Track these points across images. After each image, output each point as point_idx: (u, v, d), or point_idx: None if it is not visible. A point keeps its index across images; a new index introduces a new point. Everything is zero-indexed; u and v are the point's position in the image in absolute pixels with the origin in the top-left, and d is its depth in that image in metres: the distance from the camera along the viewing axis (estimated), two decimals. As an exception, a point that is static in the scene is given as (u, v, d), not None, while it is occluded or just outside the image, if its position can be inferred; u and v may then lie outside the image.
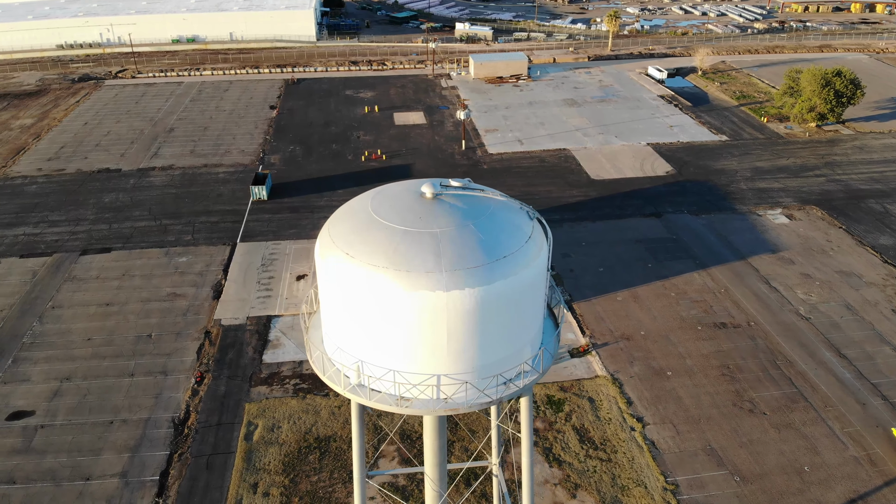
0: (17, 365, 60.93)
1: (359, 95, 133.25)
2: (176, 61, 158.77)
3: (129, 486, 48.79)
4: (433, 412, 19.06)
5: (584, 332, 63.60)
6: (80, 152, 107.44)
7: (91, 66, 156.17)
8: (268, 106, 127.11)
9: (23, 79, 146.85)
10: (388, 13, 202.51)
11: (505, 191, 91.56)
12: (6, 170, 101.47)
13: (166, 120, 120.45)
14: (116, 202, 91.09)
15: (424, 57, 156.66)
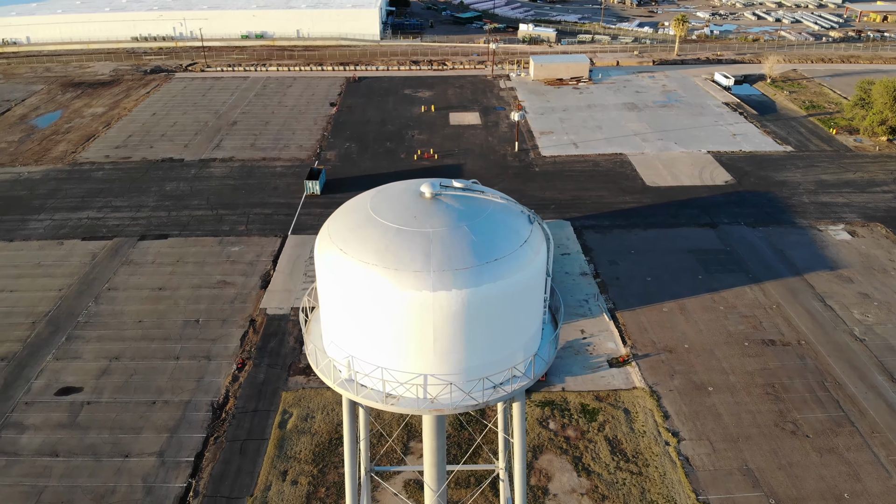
0: (71, 343, 63.76)
1: (417, 94, 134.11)
2: (244, 56, 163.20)
3: (165, 466, 50.39)
4: (418, 411, 18.97)
5: (626, 342, 62.31)
6: (147, 141, 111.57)
7: (163, 58, 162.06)
8: (328, 103, 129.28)
9: (98, 69, 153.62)
10: (453, 13, 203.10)
11: (554, 195, 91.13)
12: (76, 155, 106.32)
13: (230, 113, 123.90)
14: (177, 191, 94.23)
15: (485, 58, 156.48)
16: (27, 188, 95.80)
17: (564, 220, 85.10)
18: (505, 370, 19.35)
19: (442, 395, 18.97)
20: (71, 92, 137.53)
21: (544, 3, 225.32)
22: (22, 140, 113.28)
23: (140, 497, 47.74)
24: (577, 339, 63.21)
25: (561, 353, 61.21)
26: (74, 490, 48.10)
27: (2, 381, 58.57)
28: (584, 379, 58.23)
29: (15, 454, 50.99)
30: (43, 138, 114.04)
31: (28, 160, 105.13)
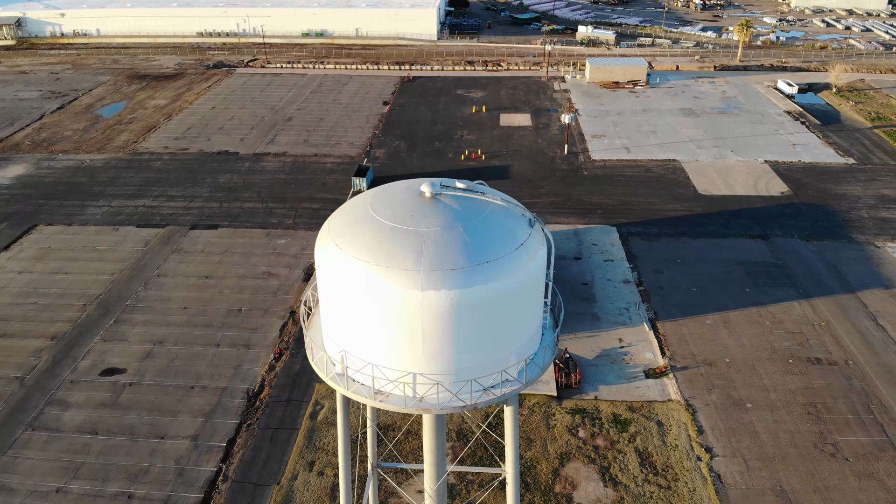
0: (118, 325, 66.08)
1: (469, 95, 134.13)
2: (303, 54, 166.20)
3: (198, 449, 51.71)
4: (405, 409, 18.90)
5: (664, 353, 60.90)
6: (205, 134, 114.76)
7: (226, 53, 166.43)
8: (381, 101, 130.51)
9: (163, 62, 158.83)
10: (511, 14, 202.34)
11: (602, 199, 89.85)
12: (136, 145, 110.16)
13: (286, 109, 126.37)
14: (230, 183, 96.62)
15: (541, 59, 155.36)
16: (88, 175, 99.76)
17: (610, 226, 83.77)
18: (494, 373, 19.10)
19: (430, 394, 18.88)
20: (136, 84, 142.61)
21: (605, 5, 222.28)
22: (87, 129, 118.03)
23: (172, 478, 49.11)
24: (615, 348, 62.13)
25: (596, 362, 60.30)
26: (110, 468, 49.83)
27: (51, 359, 61.17)
28: (619, 388, 57.18)
29: (57, 430, 53.16)
30: (107, 127, 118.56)
31: (91, 148, 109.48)
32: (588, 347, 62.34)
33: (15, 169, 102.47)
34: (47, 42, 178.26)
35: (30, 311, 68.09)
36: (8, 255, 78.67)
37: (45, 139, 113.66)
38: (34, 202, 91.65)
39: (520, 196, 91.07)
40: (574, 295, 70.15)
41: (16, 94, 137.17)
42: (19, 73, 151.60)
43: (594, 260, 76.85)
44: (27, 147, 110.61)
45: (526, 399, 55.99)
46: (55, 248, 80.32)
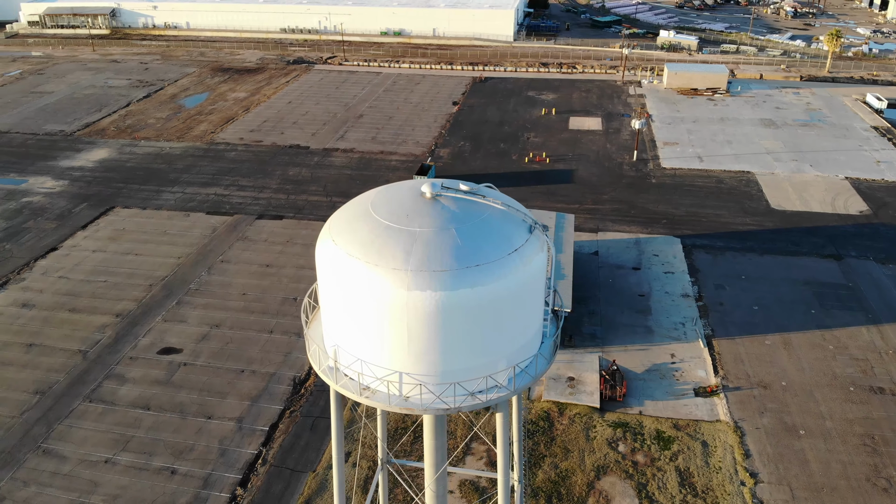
0: (180, 307, 68.83)
1: (540, 97, 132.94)
2: (380, 52, 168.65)
3: (242, 431, 53.30)
4: (389, 407, 18.83)
5: (717, 372, 58.69)
6: (279, 128, 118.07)
7: (306, 50, 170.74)
8: (451, 101, 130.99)
9: (246, 56, 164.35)
10: (592, 17, 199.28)
11: (668, 209, 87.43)
12: (214, 136, 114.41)
13: (358, 107, 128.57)
14: (298, 176, 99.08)
15: (618, 63, 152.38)
16: (166, 162, 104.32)
17: (674, 237, 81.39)
18: (480, 378, 18.80)
19: (416, 395, 18.78)
20: (219, 76, 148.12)
21: (691, 10, 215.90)
22: (169, 117, 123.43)
23: (214, 458, 50.80)
24: (665, 363, 60.32)
25: (645, 376, 58.72)
26: (157, 443, 51.97)
27: (114, 335, 64.33)
28: (665, 405, 55.49)
29: (112, 403, 55.85)
30: (188, 117, 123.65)
31: (171, 136, 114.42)
32: (638, 361, 60.77)
33: (99, 153, 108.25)
34: (139, 33, 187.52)
35: (99, 289, 71.79)
36: (85, 234, 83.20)
37: (130, 126, 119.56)
38: (114, 185, 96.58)
39: (582, 202, 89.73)
40: (629, 306, 68.53)
41: (106, 81, 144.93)
42: (111, 62, 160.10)
43: (654, 271, 74.80)
44: (112, 132, 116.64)
45: (567, 409, 55.10)
46: (129, 229, 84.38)
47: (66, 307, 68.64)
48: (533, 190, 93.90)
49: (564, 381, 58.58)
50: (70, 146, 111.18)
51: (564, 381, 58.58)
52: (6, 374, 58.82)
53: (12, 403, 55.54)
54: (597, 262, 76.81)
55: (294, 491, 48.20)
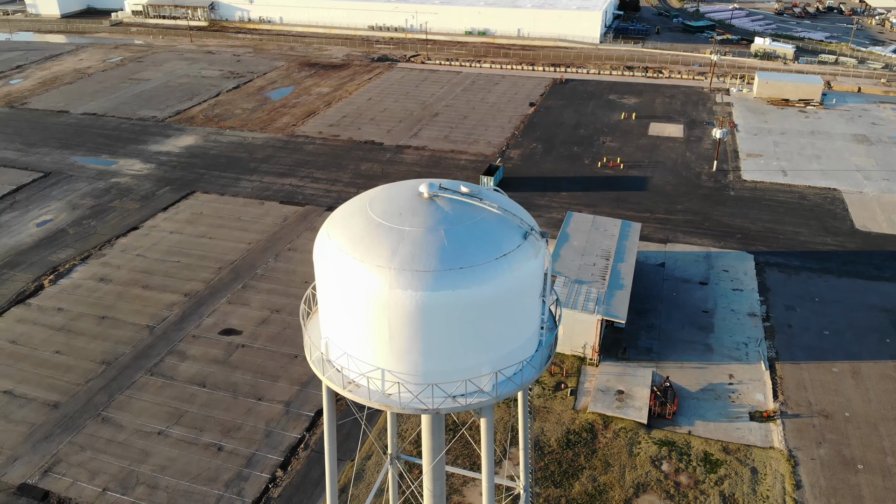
0: (245, 290, 71.39)
1: (621, 101, 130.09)
2: (462, 52, 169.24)
3: (289, 415, 54.81)
4: (369, 403, 18.85)
5: (777, 397, 55.92)
6: (357, 123, 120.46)
7: (391, 48, 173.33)
8: (528, 103, 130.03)
9: (333, 52, 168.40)
10: (684, 21, 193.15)
11: (744, 223, 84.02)
12: (295, 128, 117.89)
13: (435, 105, 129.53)
14: (369, 171, 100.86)
15: (707, 69, 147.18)
16: (248, 151, 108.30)
17: (747, 253, 78.02)
18: (460, 382, 18.56)
19: (395, 392, 18.74)
20: (305, 71, 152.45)
21: (790, 17, 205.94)
22: (255, 108, 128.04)
23: (259, 438, 52.48)
24: (722, 384, 57.96)
25: (699, 395, 56.63)
26: (208, 420, 54.14)
27: (180, 313, 67.41)
28: (717, 427, 53.33)
29: (171, 378, 58.56)
30: (272, 109, 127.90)
31: (255, 127, 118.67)
32: (693, 379, 58.67)
33: (186, 139, 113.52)
34: (235, 26, 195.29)
35: (172, 268, 75.37)
36: (165, 216, 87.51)
37: (217, 115, 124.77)
38: (196, 171, 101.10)
39: (653, 211, 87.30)
40: (691, 322, 66.24)
41: (200, 71, 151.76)
42: (206, 53, 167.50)
43: (721, 287, 71.97)
44: (200, 120, 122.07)
45: (613, 422, 53.83)
46: (206, 214, 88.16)
47: (140, 284, 72.43)
48: (603, 196, 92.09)
49: (613, 393, 57.24)
50: (160, 132, 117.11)
51: (613, 393, 57.24)
52: (78, 344, 62.71)
53: (80, 371, 59.17)
54: (662, 274, 74.56)
55: (330, 478, 49.15)
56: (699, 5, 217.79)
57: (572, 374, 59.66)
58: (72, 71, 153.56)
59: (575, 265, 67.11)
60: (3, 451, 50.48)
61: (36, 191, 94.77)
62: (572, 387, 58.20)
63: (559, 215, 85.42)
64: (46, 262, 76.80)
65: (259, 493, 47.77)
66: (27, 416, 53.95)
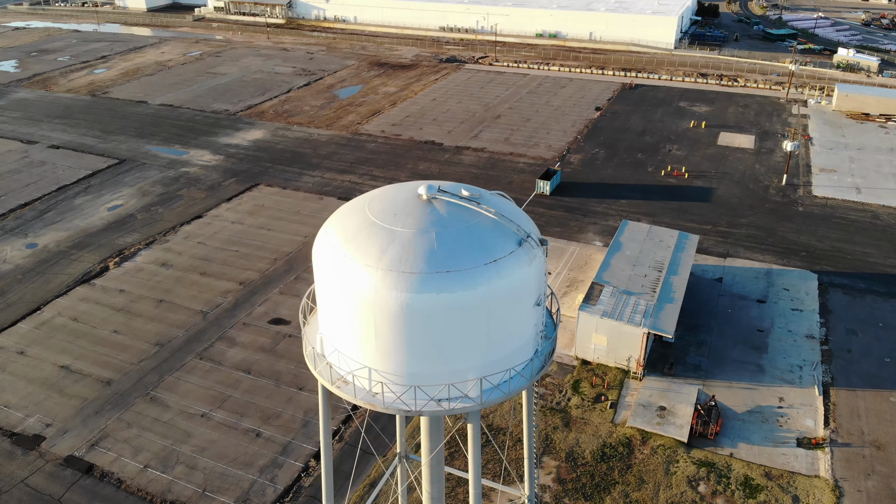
0: (297, 282, 73.08)
1: (692, 108, 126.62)
2: (531, 54, 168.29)
3: (326, 409, 55.76)
4: (354, 400, 18.93)
5: (828, 424, 53.36)
6: (419, 123, 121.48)
7: (460, 49, 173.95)
8: (593, 107, 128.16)
9: (403, 52, 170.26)
10: (765, 28, 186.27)
11: (810, 241, 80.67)
12: (359, 126, 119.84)
13: (498, 107, 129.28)
14: (427, 171, 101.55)
15: (785, 79, 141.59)
16: (312, 147, 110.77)
17: (811, 272, 74.72)
18: (443, 386, 18.43)
19: (383, 392, 18.80)
20: (374, 70, 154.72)
21: (878, 28, 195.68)
22: (322, 106, 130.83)
23: (297, 427, 53.64)
24: (771, 407, 55.72)
25: (745, 417, 54.63)
26: (250, 406, 55.70)
27: (234, 301, 69.57)
28: (761, 451, 51.31)
29: (219, 363, 60.53)
30: (339, 107, 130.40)
31: (321, 124, 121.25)
32: (741, 399, 56.64)
33: (255, 133, 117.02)
34: (311, 24, 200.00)
35: (230, 257, 77.86)
36: (228, 206, 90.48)
37: (286, 111, 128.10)
38: (262, 164, 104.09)
39: (715, 223, 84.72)
40: (744, 341, 63.94)
41: (274, 67, 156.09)
42: (281, 50, 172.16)
43: (780, 307, 69.17)
44: (270, 116, 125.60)
45: (651, 438, 52.54)
46: (267, 206, 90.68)
47: (198, 270, 75.13)
48: (664, 206, 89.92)
49: (655, 409, 55.85)
50: (231, 125, 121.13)
51: (655, 409, 55.85)
52: (135, 325, 65.60)
53: (134, 351, 61.88)
54: (718, 290, 72.23)
55: (361, 472, 49.86)
56: (782, 13, 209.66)
57: (614, 386, 58.54)
58: (153, 63, 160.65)
59: (625, 276, 65.78)
60: (55, 424, 53.40)
61: (110, 176, 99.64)
62: (613, 399, 57.09)
63: (615, 223, 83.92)
64: (114, 244, 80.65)
65: (291, 481, 48.85)
66: (81, 391, 56.86)
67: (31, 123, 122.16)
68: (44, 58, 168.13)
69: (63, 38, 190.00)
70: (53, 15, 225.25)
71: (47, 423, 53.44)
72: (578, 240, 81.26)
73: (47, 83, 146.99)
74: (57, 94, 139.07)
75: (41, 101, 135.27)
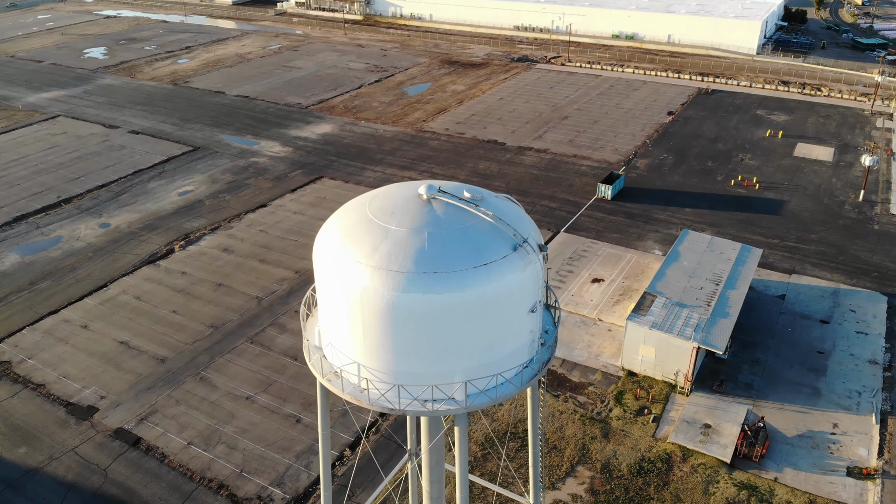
0: (347, 276, 74.33)
1: (769, 117, 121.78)
2: (606, 56, 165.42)
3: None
4: (342, 395, 19.11)
5: (882, 454, 50.58)
6: (483, 122, 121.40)
7: (533, 48, 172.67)
8: (665, 112, 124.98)
9: (475, 51, 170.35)
10: (854, 37, 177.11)
11: (882, 261, 76.75)
12: (424, 124, 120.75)
13: (566, 108, 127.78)
14: (486, 170, 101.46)
15: (871, 90, 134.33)
16: (377, 143, 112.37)
17: (881, 294, 70.91)
18: (427, 387, 18.38)
19: (372, 389, 18.96)
20: (445, 69, 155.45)
21: None
22: (391, 103, 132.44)
23: (336, 416, 54.66)
24: (823, 433, 53.25)
25: (794, 441, 52.41)
26: (293, 391, 57.15)
27: (288, 288, 71.44)
28: (807, 477, 49.13)
29: (268, 348, 62.32)
30: (407, 104, 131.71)
31: (387, 120, 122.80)
32: (791, 422, 54.36)
33: (324, 127, 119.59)
34: (387, 21, 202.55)
35: (289, 246, 79.96)
36: (292, 197, 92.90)
37: (356, 106, 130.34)
38: (328, 157, 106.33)
39: (783, 237, 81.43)
40: (802, 362, 61.30)
41: (348, 63, 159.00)
42: (356, 46, 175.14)
43: (844, 328, 65.94)
44: (340, 111, 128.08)
45: (692, 456, 51.07)
46: (328, 198, 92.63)
47: (258, 257, 77.49)
48: (730, 216, 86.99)
49: (699, 426, 54.24)
50: (302, 118, 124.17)
51: (699, 426, 54.24)
52: (193, 306, 68.28)
53: (190, 331, 64.44)
54: (780, 307, 69.45)
55: (393, 465, 50.43)
56: (874, 21, 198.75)
57: (659, 400, 57.16)
58: (234, 55, 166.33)
59: (679, 287, 64.05)
60: (109, 396, 56.25)
61: (183, 163, 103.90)
62: (656, 413, 55.77)
63: (678, 232, 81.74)
64: (181, 228, 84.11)
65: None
66: (136, 367, 59.67)
67: (114, 109, 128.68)
68: (131, 46, 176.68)
69: (151, 27, 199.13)
70: (143, 5, 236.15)
71: (102, 395, 56.41)
72: (637, 247, 79.55)
73: (132, 71, 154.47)
74: (141, 82, 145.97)
75: (125, 87, 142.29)
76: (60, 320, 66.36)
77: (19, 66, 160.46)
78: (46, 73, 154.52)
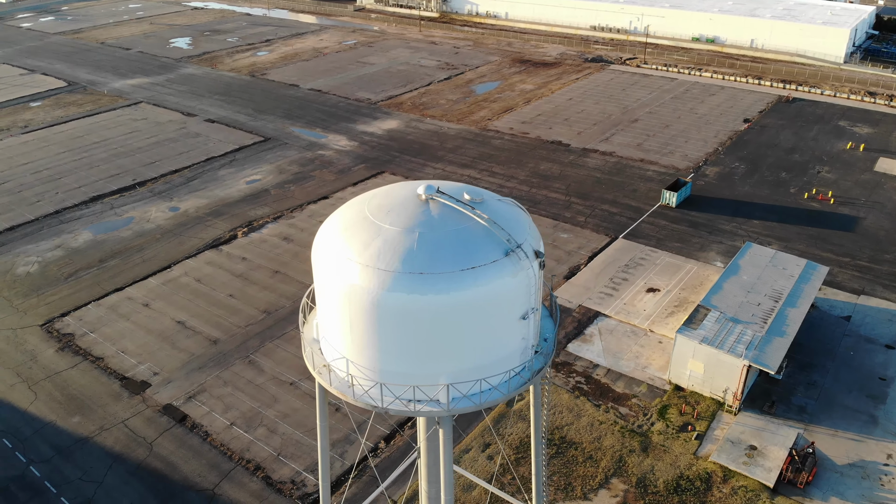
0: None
1: (852, 129, 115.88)
2: (683, 59, 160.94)
3: (405, 395, 57.28)
4: (330, 388, 19.33)
5: (943, 492, 47.57)
6: (549, 122, 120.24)
7: (608, 49, 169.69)
8: (742, 119, 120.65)
9: (548, 50, 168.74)
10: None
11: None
12: (489, 122, 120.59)
13: (637, 111, 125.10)
14: (547, 171, 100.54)
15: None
16: (440, 140, 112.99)
17: (957, 322, 66.58)
18: (408, 387, 18.40)
19: (352, 384, 19.15)
20: (516, 67, 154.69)
21: None
22: (458, 101, 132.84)
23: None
24: (877, 463, 50.57)
25: (844, 469, 50.00)
26: (335, 382, 58.32)
27: (339, 281, 72.88)
28: (856, 508, 46.80)
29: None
30: (473, 102, 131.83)
31: (452, 118, 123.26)
32: (843, 450, 51.84)
33: (390, 123, 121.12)
34: (463, 19, 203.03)
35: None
36: (353, 190, 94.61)
37: (423, 103, 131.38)
38: (391, 153, 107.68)
39: (855, 256, 77.56)
40: (861, 388, 58.34)
41: (419, 60, 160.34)
42: (429, 43, 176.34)
43: (914, 355, 62.32)
44: (407, 107, 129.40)
45: (734, 478, 49.42)
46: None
47: (314, 249, 79.31)
48: (800, 231, 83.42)
49: (744, 447, 52.40)
50: (370, 113, 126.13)
51: (744, 447, 52.40)
52: (250, 291, 70.58)
53: (244, 315, 66.67)
54: (844, 329, 66.22)
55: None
56: None
57: (705, 417, 55.51)
58: (311, 49, 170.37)
59: (735, 302, 61.97)
60: (162, 373, 58.88)
61: (253, 153, 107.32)
62: (700, 430, 54.18)
63: (742, 244, 78.97)
64: (245, 215, 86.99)
65: (358, 459, 50.79)
66: (189, 346, 62.21)
67: (193, 97, 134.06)
68: (215, 37, 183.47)
69: (235, 19, 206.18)
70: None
71: (155, 371, 59.13)
72: (698, 258, 77.30)
73: (213, 61, 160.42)
74: (221, 72, 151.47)
75: (206, 77, 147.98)
76: (124, 297, 69.89)
77: (108, 53, 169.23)
78: (133, 60, 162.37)
